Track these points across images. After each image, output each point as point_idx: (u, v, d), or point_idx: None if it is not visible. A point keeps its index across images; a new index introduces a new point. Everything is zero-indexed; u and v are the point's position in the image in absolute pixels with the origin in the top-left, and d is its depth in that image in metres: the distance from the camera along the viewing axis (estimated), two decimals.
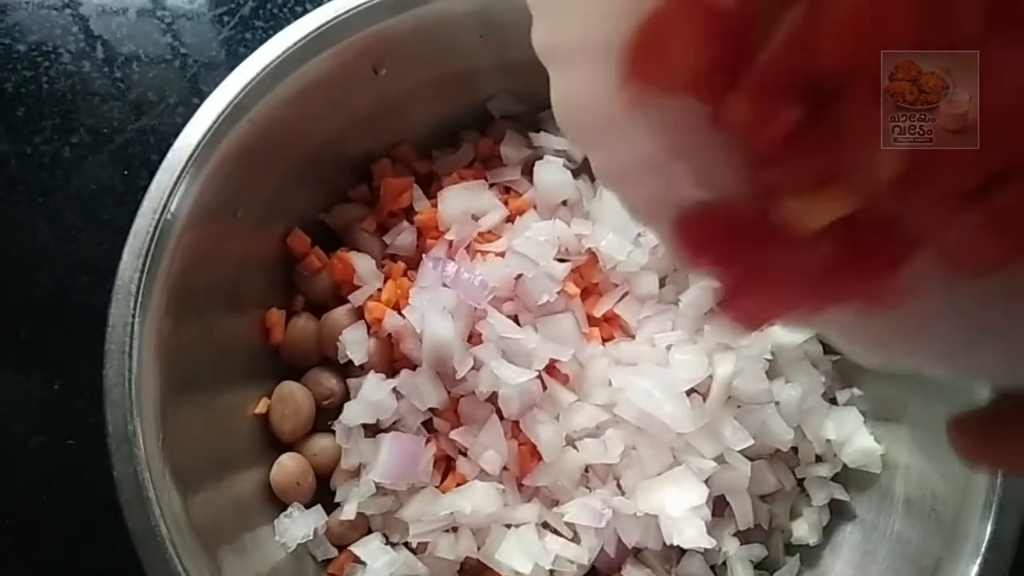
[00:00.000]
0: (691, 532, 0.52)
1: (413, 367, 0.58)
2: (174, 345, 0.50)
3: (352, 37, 0.55)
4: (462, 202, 0.60)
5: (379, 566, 0.53)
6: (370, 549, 0.54)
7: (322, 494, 0.58)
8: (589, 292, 0.60)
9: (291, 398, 0.58)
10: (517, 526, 0.54)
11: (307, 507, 0.56)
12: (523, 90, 0.65)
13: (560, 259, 0.58)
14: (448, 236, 0.60)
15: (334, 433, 0.58)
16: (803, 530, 0.57)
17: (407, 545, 0.56)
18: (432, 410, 0.57)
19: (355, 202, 0.64)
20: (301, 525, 0.55)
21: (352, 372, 0.59)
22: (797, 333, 0.57)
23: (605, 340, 0.59)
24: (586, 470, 0.56)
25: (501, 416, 0.56)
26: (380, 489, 0.55)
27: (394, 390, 0.57)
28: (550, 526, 0.55)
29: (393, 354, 0.59)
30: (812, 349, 0.59)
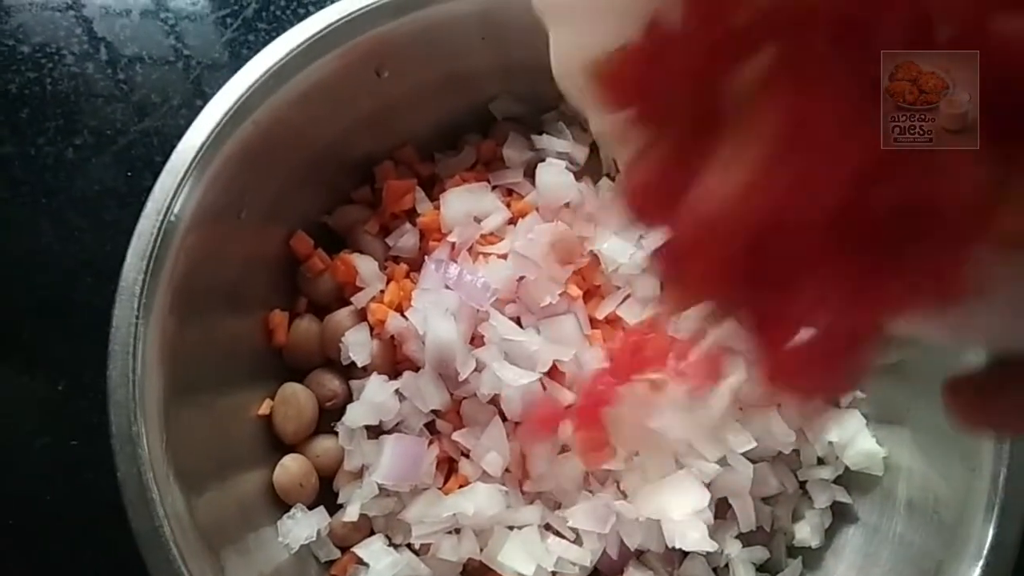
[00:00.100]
0: (694, 536, 0.52)
1: (415, 369, 0.58)
2: (178, 346, 0.50)
3: (355, 39, 0.55)
4: (464, 204, 0.60)
5: (382, 567, 0.53)
6: (373, 550, 0.54)
7: (325, 495, 0.58)
8: (591, 294, 0.60)
9: (294, 399, 0.58)
10: (520, 528, 0.55)
11: (310, 508, 0.56)
12: (525, 92, 0.65)
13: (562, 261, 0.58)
14: (450, 238, 0.60)
15: (337, 434, 0.58)
16: (805, 532, 0.57)
17: (410, 547, 0.56)
18: (435, 412, 0.57)
19: (358, 204, 0.64)
20: (304, 526, 0.55)
21: (355, 374, 0.59)
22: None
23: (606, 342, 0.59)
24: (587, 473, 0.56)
25: (504, 418, 0.56)
26: (383, 490, 0.56)
27: (396, 392, 0.57)
28: (552, 528, 0.55)
29: (396, 356, 0.59)
30: None
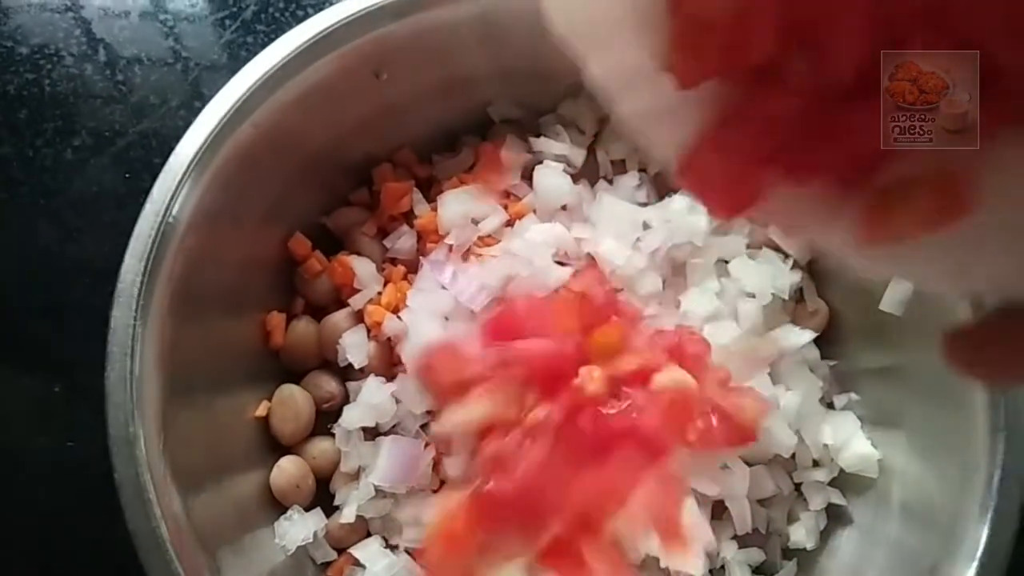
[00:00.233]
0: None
1: None
2: (175, 348, 0.50)
3: (354, 42, 0.55)
4: (461, 206, 0.61)
5: (379, 569, 0.53)
6: (370, 552, 0.54)
7: (322, 497, 0.58)
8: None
9: (291, 401, 0.58)
10: None
11: (307, 510, 0.56)
12: (523, 95, 0.65)
13: (560, 263, 0.58)
14: (448, 240, 0.60)
15: (334, 436, 0.58)
16: (800, 534, 0.57)
17: (407, 550, 0.56)
18: (430, 413, 0.57)
19: (356, 206, 0.64)
20: (301, 528, 0.55)
21: (352, 375, 0.59)
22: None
23: None
24: None
25: None
26: (379, 492, 0.56)
27: (393, 394, 0.57)
28: None
29: (392, 357, 0.59)
30: (810, 355, 0.60)
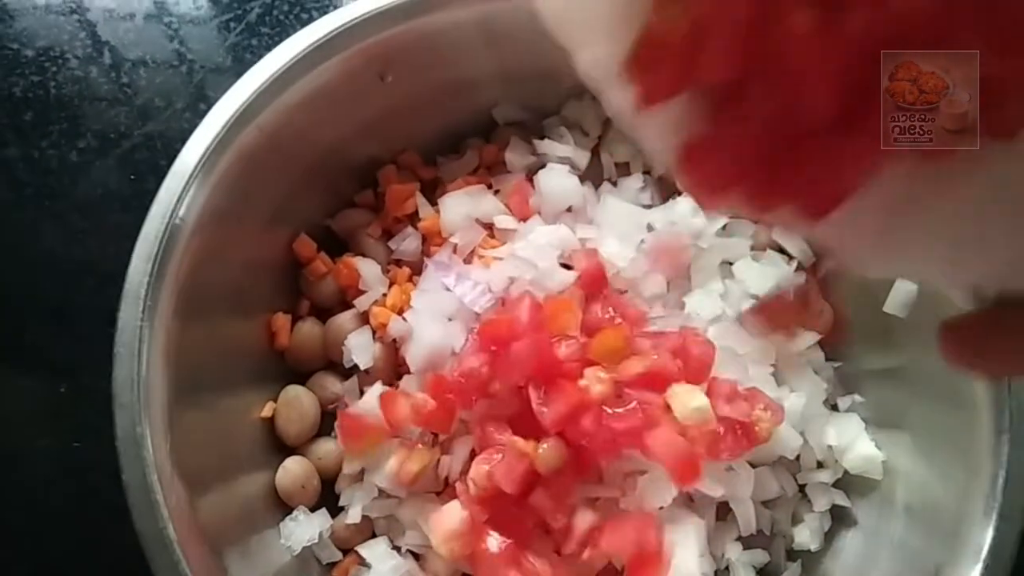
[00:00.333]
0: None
1: None
2: (182, 349, 0.50)
3: (358, 45, 0.55)
4: (463, 207, 0.61)
5: (385, 569, 0.53)
6: (377, 552, 0.54)
7: (327, 497, 0.58)
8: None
9: (296, 402, 0.58)
10: None
11: (312, 510, 0.56)
12: (527, 98, 0.65)
13: (565, 265, 0.58)
14: (453, 240, 0.60)
15: (338, 437, 0.58)
16: (805, 536, 0.57)
17: (412, 552, 0.56)
18: None
19: (360, 208, 0.64)
20: (306, 528, 0.55)
21: (359, 377, 0.59)
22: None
23: None
24: None
25: None
26: (383, 492, 0.56)
27: None
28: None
29: (397, 359, 0.59)
30: (814, 356, 0.60)
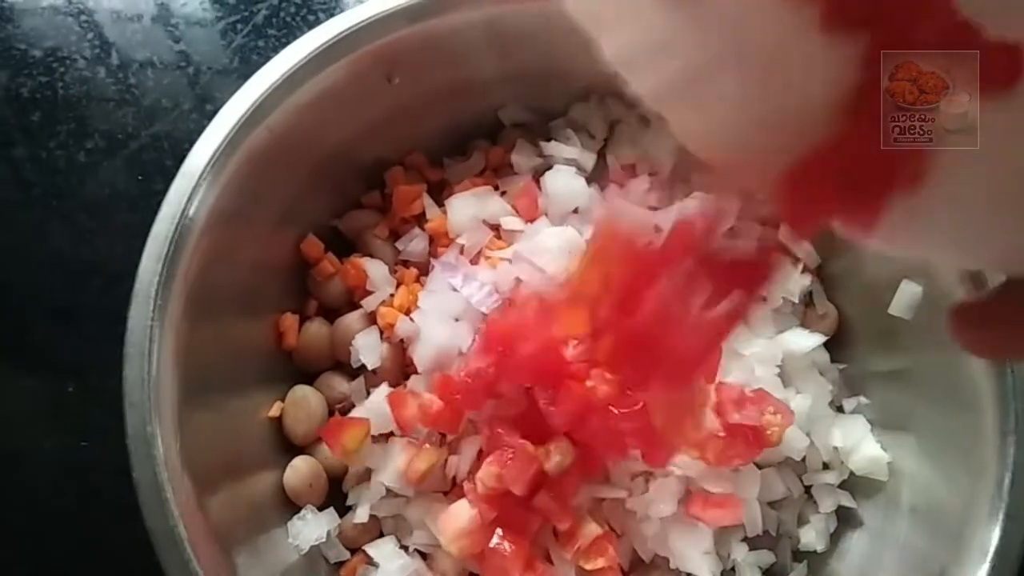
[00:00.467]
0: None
1: None
2: (191, 348, 0.50)
3: (366, 47, 0.55)
4: (470, 209, 0.61)
5: (393, 569, 0.53)
6: (385, 552, 0.54)
7: (334, 497, 0.58)
8: None
9: (304, 402, 0.59)
10: None
11: (320, 510, 0.56)
12: (533, 99, 0.65)
13: None
14: (460, 241, 0.60)
15: None
16: (810, 537, 0.57)
17: (419, 551, 0.56)
18: None
19: (368, 208, 0.65)
20: (314, 527, 0.55)
21: (366, 377, 0.60)
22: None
23: None
24: None
25: None
26: (390, 491, 0.56)
27: None
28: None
29: (405, 359, 0.59)
30: (819, 358, 0.60)
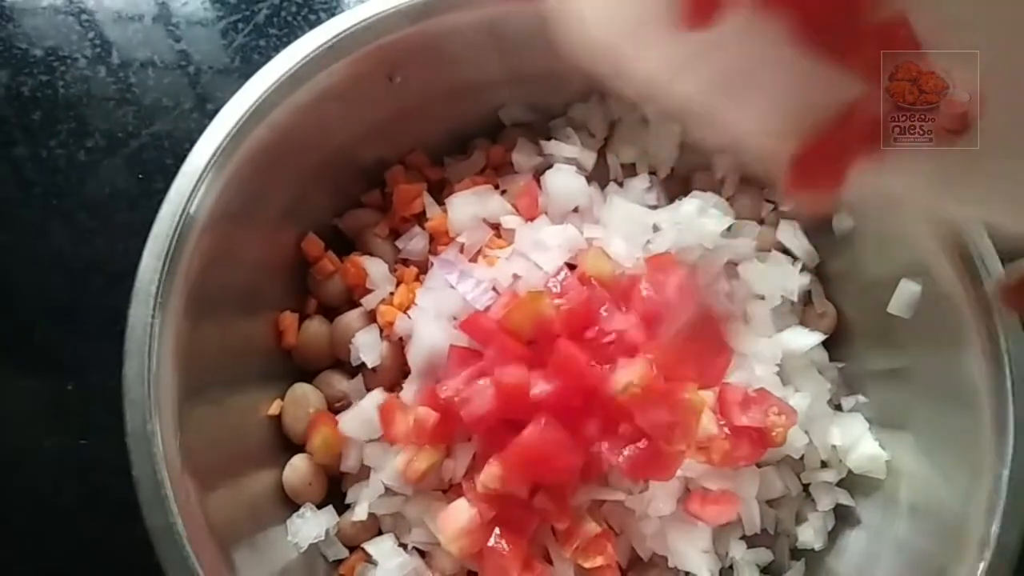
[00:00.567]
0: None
1: None
2: (191, 346, 0.50)
3: (367, 46, 0.56)
4: (470, 207, 0.61)
5: (391, 566, 0.53)
6: (384, 549, 0.55)
7: (333, 495, 0.58)
8: None
9: (303, 400, 0.59)
10: None
11: (319, 508, 0.57)
12: (534, 99, 0.66)
13: (572, 265, 0.58)
14: (460, 240, 0.60)
15: None
16: (808, 535, 0.57)
17: (418, 549, 0.56)
18: None
19: (368, 207, 0.65)
20: (313, 525, 0.55)
21: (365, 376, 0.60)
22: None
23: None
24: None
25: None
26: (389, 490, 0.56)
27: None
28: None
29: (404, 357, 0.59)
30: (818, 357, 0.60)
